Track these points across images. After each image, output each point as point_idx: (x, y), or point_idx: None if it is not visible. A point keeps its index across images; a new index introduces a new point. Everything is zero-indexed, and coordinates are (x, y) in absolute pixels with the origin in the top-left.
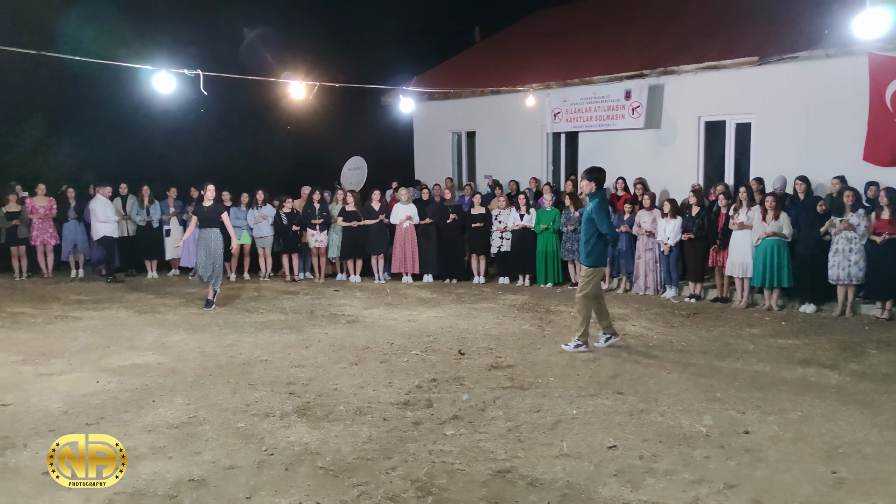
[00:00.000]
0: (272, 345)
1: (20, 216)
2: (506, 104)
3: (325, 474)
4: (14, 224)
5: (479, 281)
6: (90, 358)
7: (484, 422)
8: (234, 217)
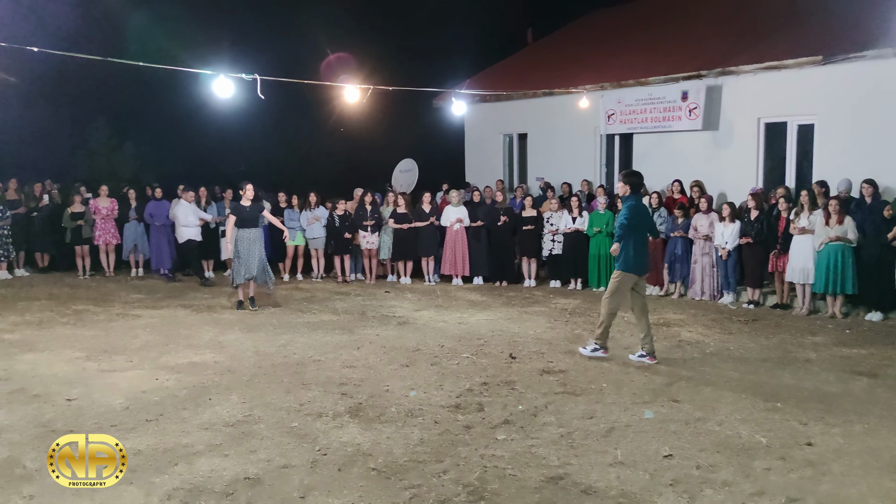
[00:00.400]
0: (324, 345)
1: (84, 217)
2: (559, 106)
3: (377, 476)
4: (79, 224)
5: (530, 284)
6: (150, 355)
7: (536, 427)
8: (287, 219)
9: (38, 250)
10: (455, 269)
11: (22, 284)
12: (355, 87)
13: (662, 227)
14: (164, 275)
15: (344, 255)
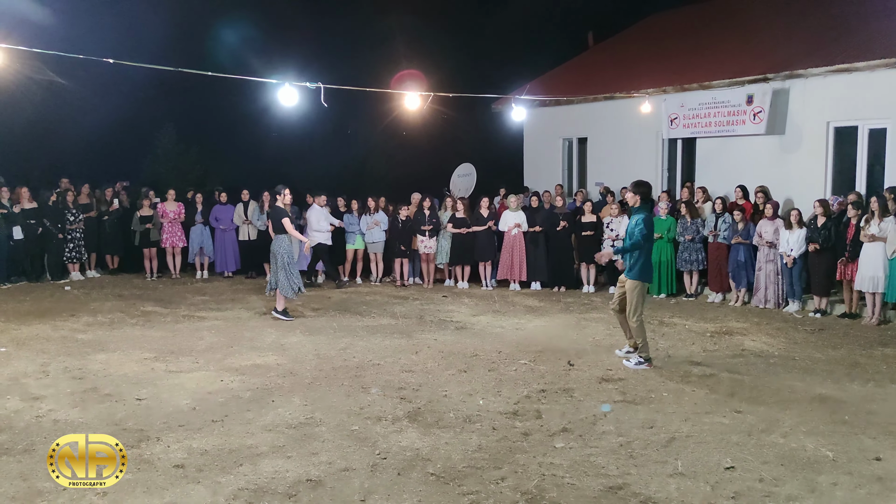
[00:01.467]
0: (383, 349)
1: (152, 220)
2: (620, 110)
3: (435, 481)
4: (147, 227)
5: (589, 290)
6: (215, 357)
7: (595, 436)
8: (347, 223)
9: (108, 252)
10: (512, 275)
11: (93, 285)
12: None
13: (726, 233)
14: (336, 282)
15: (403, 259)
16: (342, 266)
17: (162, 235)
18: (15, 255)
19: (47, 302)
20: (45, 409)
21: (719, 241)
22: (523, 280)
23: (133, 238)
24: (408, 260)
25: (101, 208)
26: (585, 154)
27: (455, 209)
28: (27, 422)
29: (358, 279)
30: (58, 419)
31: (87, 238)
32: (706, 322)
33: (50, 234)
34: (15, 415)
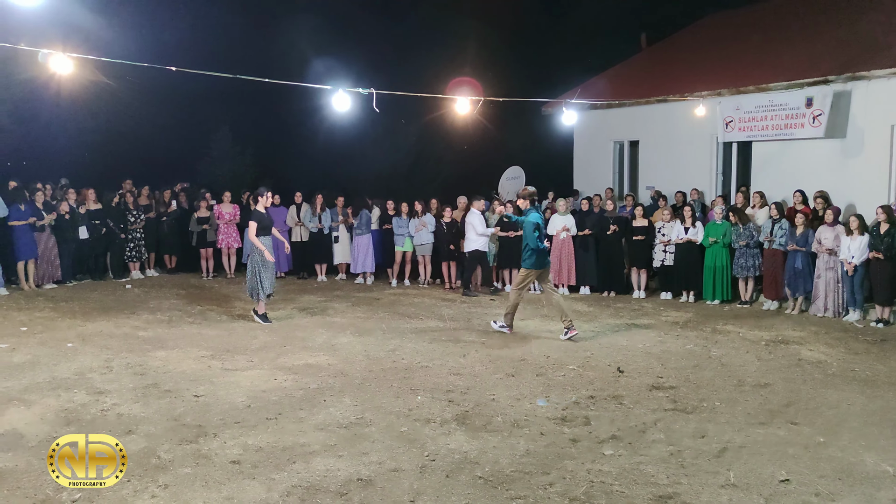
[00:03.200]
0: (431, 351)
1: (209, 221)
2: (673, 112)
3: (483, 484)
4: (204, 228)
5: (640, 295)
6: (268, 356)
7: (644, 444)
8: (396, 225)
9: (166, 252)
10: (561, 279)
11: (152, 284)
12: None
13: (782, 239)
14: (465, 290)
15: (450, 261)
16: (391, 269)
17: (218, 236)
18: (80, 254)
19: (110, 300)
20: (110, 403)
21: (775, 247)
22: (572, 284)
23: (190, 238)
24: (455, 263)
25: (160, 209)
26: (637, 157)
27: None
28: (93, 415)
29: (406, 281)
30: (121, 413)
31: (146, 238)
32: (761, 330)
33: (113, 234)
34: (82, 408)
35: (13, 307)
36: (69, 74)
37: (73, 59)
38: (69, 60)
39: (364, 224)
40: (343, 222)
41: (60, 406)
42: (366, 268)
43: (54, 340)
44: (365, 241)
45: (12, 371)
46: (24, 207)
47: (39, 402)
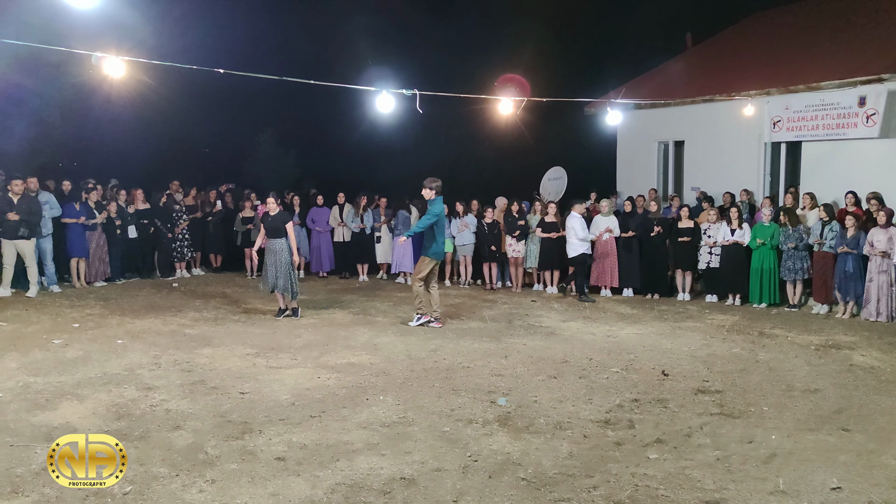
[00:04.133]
0: (472, 352)
1: (254, 221)
2: (719, 112)
3: (526, 486)
4: (248, 228)
5: (684, 298)
6: (311, 354)
7: (690, 448)
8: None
9: (212, 251)
10: (603, 281)
11: (198, 283)
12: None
13: (833, 241)
14: (579, 298)
15: (491, 262)
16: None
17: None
18: (129, 253)
19: (157, 298)
20: (158, 399)
21: (825, 249)
22: (615, 286)
23: (235, 238)
24: (496, 264)
25: (206, 210)
26: (682, 158)
27: (544, 213)
28: (143, 410)
29: (447, 282)
30: (170, 409)
31: (192, 238)
32: (811, 334)
33: (160, 233)
34: (132, 403)
35: (65, 304)
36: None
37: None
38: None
39: (402, 224)
40: (385, 222)
41: (111, 401)
42: (404, 268)
43: (105, 337)
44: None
45: (66, 366)
46: (78, 207)
47: (91, 397)
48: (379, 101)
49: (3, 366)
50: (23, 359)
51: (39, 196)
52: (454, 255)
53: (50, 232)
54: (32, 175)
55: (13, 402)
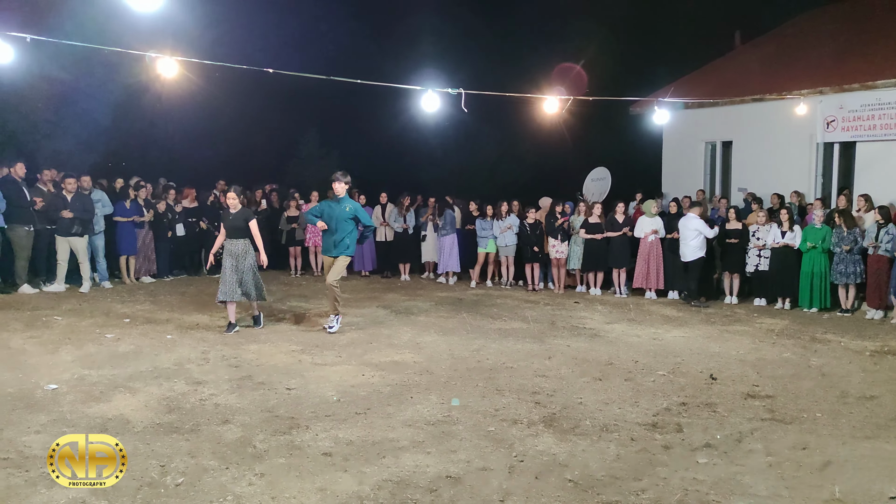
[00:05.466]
0: (516, 353)
1: (298, 220)
2: (769, 112)
3: (573, 487)
4: (293, 227)
5: (732, 301)
6: (356, 352)
7: (741, 454)
8: (479, 227)
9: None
10: (648, 283)
11: None
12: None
13: (889, 244)
14: (694, 304)
15: (534, 263)
16: (472, 269)
17: (306, 235)
18: (177, 250)
19: (204, 294)
20: (207, 394)
21: (880, 253)
22: (660, 289)
23: (280, 237)
24: (539, 264)
25: (252, 208)
26: (729, 158)
27: (588, 214)
28: (192, 404)
29: (489, 282)
30: (218, 403)
31: None
32: (865, 340)
33: (207, 231)
34: (182, 397)
35: (116, 299)
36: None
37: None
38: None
39: (449, 224)
40: (430, 220)
41: (162, 395)
42: (450, 268)
43: (155, 332)
44: (449, 241)
45: (118, 360)
46: (128, 205)
47: (143, 390)
48: (424, 100)
49: (59, 358)
50: (77, 352)
51: (92, 194)
52: (496, 255)
53: (102, 229)
54: (86, 174)
55: (69, 393)
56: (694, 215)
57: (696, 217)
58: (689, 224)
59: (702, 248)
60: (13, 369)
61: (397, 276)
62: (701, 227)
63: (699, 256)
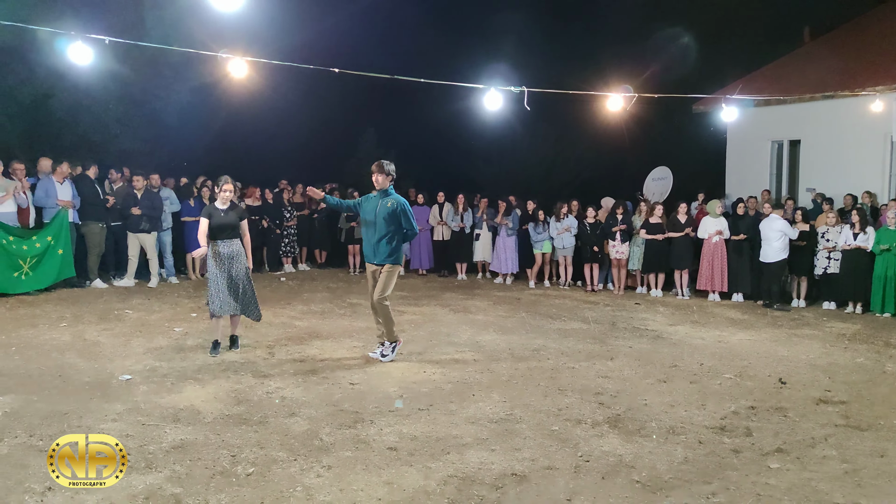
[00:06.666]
0: (577, 353)
1: (356, 219)
2: (841, 109)
3: (641, 489)
4: (351, 226)
5: (799, 304)
6: (416, 349)
7: (814, 460)
8: (532, 230)
9: (316, 248)
10: (712, 285)
11: (304, 278)
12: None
13: None
14: (777, 307)
15: (592, 264)
16: (529, 269)
17: None
18: None
19: (266, 291)
20: (274, 387)
21: None
22: (723, 291)
23: (339, 235)
24: (598, 265)
25: (312, 207)
26: (797, 157)
27: (649, 214)
28: (260, 397)
29: (546, 282)
30: (284, 396)
31: (299, 234)
32: None
33: (269, 229)
34: (249, 389)
35: (183, 295)
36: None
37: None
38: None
39: (515, 225)
40: (487, 221)
41: (230, 387)
42: (509, 269)
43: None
44: (512, 241)
45: (187, 353)
46: (193, 203)
47: (212, 382)
48: (487, 98)
49: (131, 350)
50: (148, 344)
51: (161, 192)
52: (552, 255)
53: (170, 226)
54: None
55: (142, 384)
56: (777, 216)
57: (780, 218)
58: (773, 225)
59: (785, 249)
60: (89, 359)
61: (454, 276)
62: (785, 228)
63: (782, 258)
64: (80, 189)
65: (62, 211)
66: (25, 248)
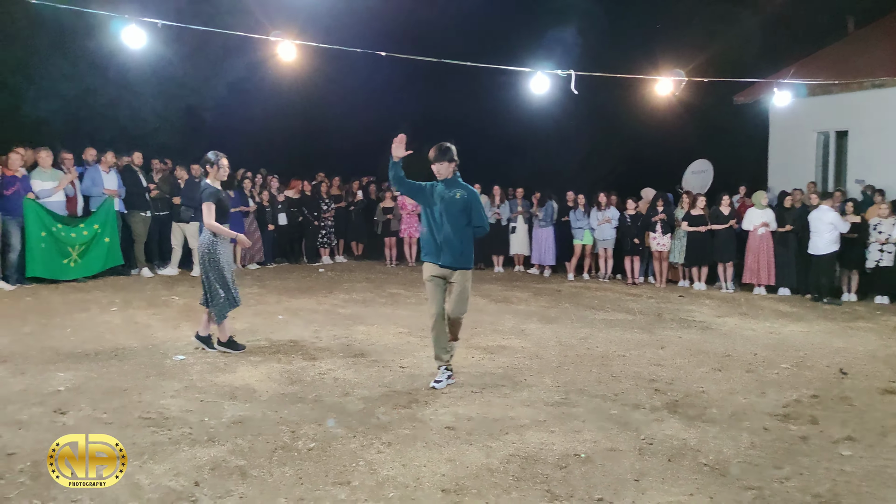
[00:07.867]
0: (625, 342)
1: (393, 211)
2: (892, 98)
3: (710, 472)
4: (388, 218)
5: (850, 298)
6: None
7: (887, 448)
8: (574, 219)
9: (353, 240)
10: (757, 278)
11: (342, 269)
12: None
13: None
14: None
15: (634, 256)
16: (568, 262)
17: (401, 226)
18: (279, 239)
19: (306, 281)
20: (325, 368)
21: None
22: (770, 284)
23: (375, 227)
24: (639, 258)
25: (349, 200)
26: (844, 149)
27: (692, 206)
28: (312, 377)
29: (585, 275)
30: (337, 377)
31: (336, 226)
32: None
33: (308, 221)
34: (301, 370)
35: None
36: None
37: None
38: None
39: (548, 216)
40: (521, 213)
41: (283, 368)
42: (546, 260)
43: (266, 313)
44: (547, 233)
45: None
46: (234, 194)
47: (264, 364)
48: (533, 82)
49: (181, 333)
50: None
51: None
52: (593, 247)
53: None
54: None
55: (196, 364)
56: (828, 207)
57: (831, 209)
58: (823, 217)
59: (836, 242)
60: (142, 341)
61: (490, 268)
62: (836, 220)
63: (833, 251)
64: (125, 179)
65: (108, 200)
66: (74, 236)
